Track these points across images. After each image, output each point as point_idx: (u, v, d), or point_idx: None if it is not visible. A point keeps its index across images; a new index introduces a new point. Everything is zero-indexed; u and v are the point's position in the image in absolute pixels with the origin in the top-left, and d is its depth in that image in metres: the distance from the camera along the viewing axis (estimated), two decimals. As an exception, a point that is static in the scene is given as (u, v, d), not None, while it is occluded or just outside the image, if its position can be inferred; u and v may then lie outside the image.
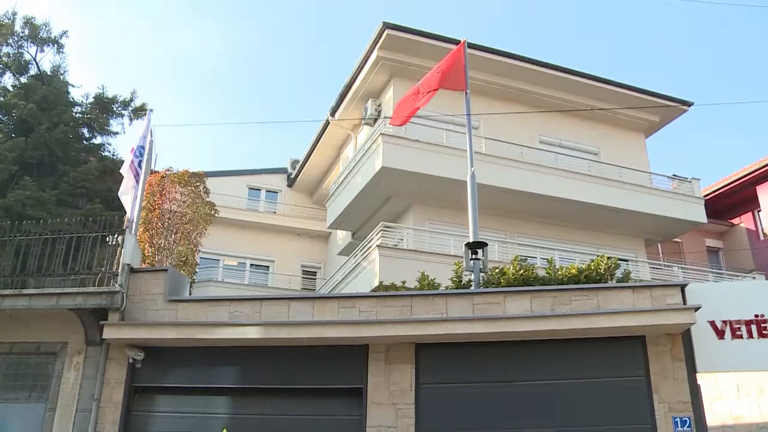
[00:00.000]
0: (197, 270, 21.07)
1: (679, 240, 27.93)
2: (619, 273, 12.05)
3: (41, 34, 21.94)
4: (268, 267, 28.20)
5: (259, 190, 30.20)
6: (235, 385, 10.85)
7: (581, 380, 10.18)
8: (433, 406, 10.16)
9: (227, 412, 10.80)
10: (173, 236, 18.47)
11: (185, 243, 18.63)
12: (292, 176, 29.65)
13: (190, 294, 12.64)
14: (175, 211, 18.85)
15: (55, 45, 22.25)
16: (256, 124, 73.70)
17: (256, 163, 79.80)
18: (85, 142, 21.86)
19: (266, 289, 25.75)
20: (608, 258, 11.89)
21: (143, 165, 12.72)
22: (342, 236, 24.90)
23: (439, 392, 10.27)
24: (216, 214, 20.66)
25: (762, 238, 29.16)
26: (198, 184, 20.06)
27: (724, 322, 10.23)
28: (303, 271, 28.58)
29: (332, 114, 23.77)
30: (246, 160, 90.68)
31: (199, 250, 20.28)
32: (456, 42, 16.03)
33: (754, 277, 22.77)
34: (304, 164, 27.91)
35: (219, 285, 24.77)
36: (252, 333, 10.35)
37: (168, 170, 19.72)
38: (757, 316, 10.24)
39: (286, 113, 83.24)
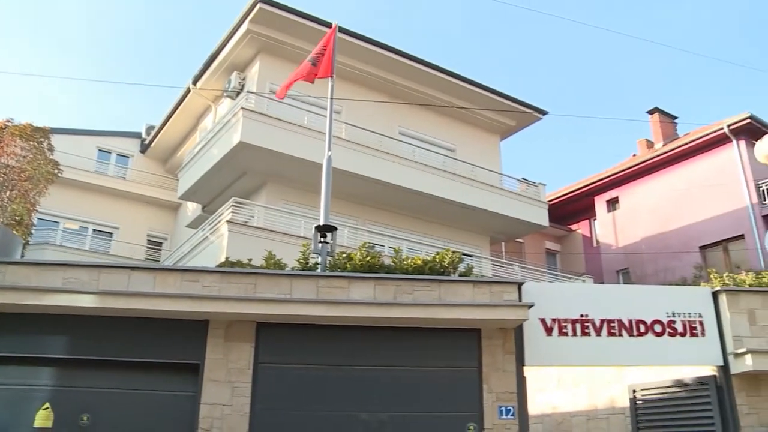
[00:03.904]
0: (33, 231, 19.90)
1: (522, 240, 29.38)
2: (462, 267, 12.46)
3: None
4: (111, 234, 27.02)
5: (110, 153, 28.78)
6: (63, 355, 10.26)
7: (419, 368, 10.46)
8: (271, 386, 10.12)
9: (53, 384, 10.17)
10: (8, 193, 17.37)
11: (21, 201, 17.53)
12: (146, 142, 28.46)
13: (22, 256, 11.90)
14: (13, 167, 17.74)
15: None
16: (113, 83, 70.15)
17: (111, 125, 76.38)
18: None
19: (107, 257, 24.65)
20: (453, 252, 12.24)
21: (-20, 114, 11.82)
22: (192, 208, 24.25)
23: (278, 372, 10.23)
24: (59, 174, 19.62)
25: (595, 244, 31.27)
26: (42, 139, 18.98)
27: (553, 320, 10.93)
28: (149, 240, 27.61)
29: (194, 82, 22.99)
30: (101, 121, 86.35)
31: (37, 210, 19.19)
32: (328, 25, 15.96)
33: (584, 281, 24.27)
34: (160, 131, 26.81)
35: (57, 249, 23.56)
36: (86, 301, 9.85)
37: (8, 121, 18.49)
38: (582, 315, 11.02)
39: (148, 77, 79.93)
